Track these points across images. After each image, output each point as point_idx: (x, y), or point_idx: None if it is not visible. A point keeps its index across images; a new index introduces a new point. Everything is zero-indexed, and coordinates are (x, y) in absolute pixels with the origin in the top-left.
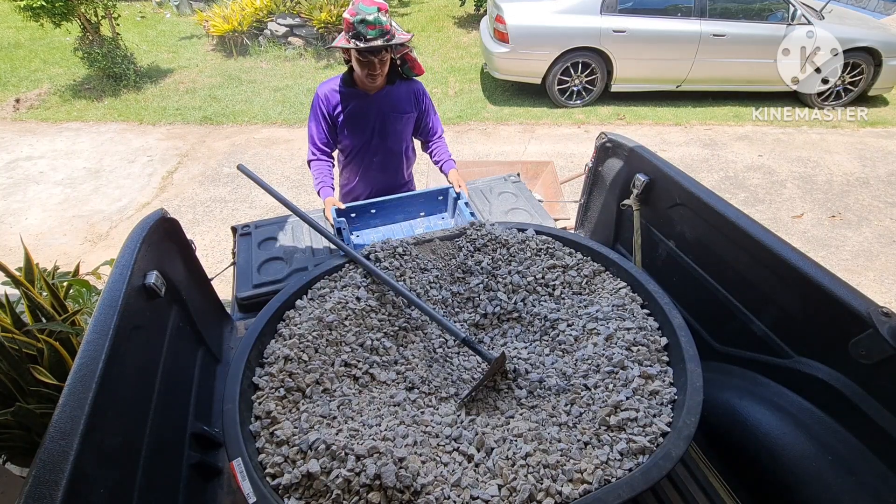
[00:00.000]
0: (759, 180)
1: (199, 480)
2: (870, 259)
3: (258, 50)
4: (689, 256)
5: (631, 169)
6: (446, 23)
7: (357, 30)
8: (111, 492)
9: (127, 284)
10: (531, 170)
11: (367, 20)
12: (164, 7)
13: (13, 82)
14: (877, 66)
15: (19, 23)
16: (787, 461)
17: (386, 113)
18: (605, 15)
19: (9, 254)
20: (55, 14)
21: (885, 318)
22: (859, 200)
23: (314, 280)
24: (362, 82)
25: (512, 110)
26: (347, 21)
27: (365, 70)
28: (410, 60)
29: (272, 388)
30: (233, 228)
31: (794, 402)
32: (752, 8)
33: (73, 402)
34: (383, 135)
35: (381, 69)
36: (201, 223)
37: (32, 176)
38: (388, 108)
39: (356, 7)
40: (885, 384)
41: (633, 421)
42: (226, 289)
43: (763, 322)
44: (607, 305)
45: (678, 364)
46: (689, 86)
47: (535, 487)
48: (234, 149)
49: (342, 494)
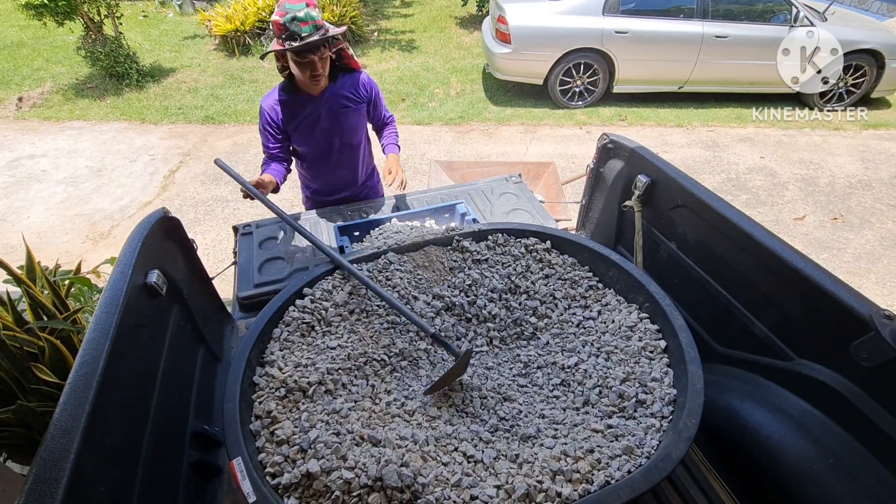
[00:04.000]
0: (761, 182)
1: (199, 479)
2: (872, 261)
3: (261, 49)
4: (691, 258)
5: (632, 170)
6: (448, 23)
7: (290, 29)
8: (111, 490)
9: (128, 283)
10: (533, 170)
11: (299, 17)
12: (166, 6)
13: (16, 81)
14: (879, 68)
15: (22, 21)
16: (788, 464)
17: (336, 110)
18: (607, 16)
19: (11, 252)
20: (58, 13)
21: (887, 321)
22: (861, 203)
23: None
24: (305, 85)
25: (514, 111)
26: (278, 23)
27: (307, 72)
28: (347, 56)
29: (272, 387)
30: (234, 228)
31: (796, 404)
32: (754, 10)
33: (73, 401)
34: (339, 132)
35: (322, 68)
36: (203, 222)
37: (35, 174)
38: (336, 106)
39: (283, 7)
40: (886, 387)
41: (633, 421)
42: (227, 288)
43: (764, 324)
44: (608, 307)
45: (679, 365)
46: (691, 87)
47: (534, 488)
48: (235, 148)
49: (342, 495)
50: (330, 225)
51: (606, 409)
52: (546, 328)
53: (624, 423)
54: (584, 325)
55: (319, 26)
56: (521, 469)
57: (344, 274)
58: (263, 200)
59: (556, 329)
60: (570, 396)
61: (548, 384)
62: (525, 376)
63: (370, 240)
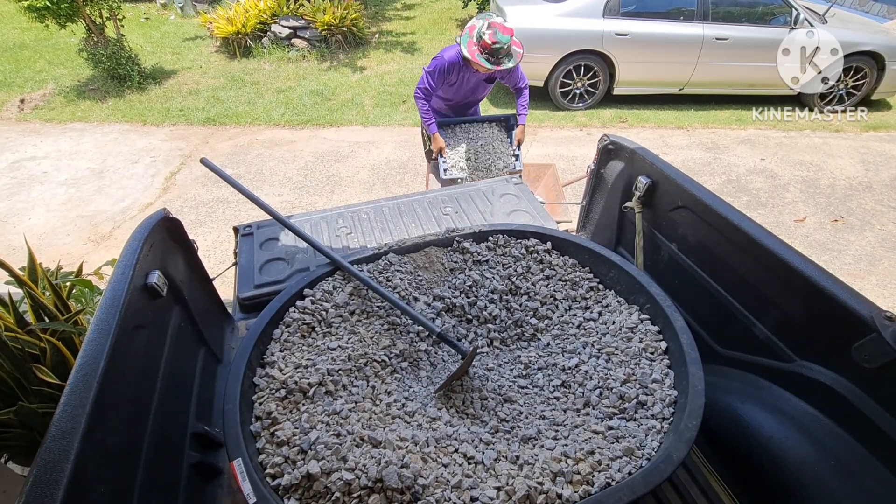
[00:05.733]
0: (762, 184)
1: (199, 480)
2: (872, 263)
3: (262, 52)
4: (692, 259)
5: (633, 171)
6: (449, 25)
7: (493, 50)
8: (112, 491)
9: (129, 284)
10: (533, 172)
11: (504, 48)
12: (168, 9)
13: (18, 83)
14: (879, 70)
15: (25, 24)
16: (789, 465)
17: (481, 83)
18: (607, 18)
19: (12, 253)
20: (60, 15)
21: (889, 322)
22: (862, 204)
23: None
24: (477, 66)
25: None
26: (485, 43)
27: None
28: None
29: (273, 388)
30: (235, 229)
31: (797, 406)
32: (754, 12)
33: (74, 401)
34: (474, 93)
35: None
36: (204, 224)
37: (36, 176)
38: (484, 81)
39: (496, 36)
40: (887, 388)
41: (634, 423)
42: (227, 289)
43: (765, 325)
44: (609, 308)
45: (680, 367)
46: (691, 89)
47: (535, 489)
48: (236, 150)
49: (342, 497)
50: (330, 225)
51: (607, 411)
52: (546, 329)
53: (625, 425)
54: (585, 326)
55: (509, 51)
56: (522, 470)
57: (345, 274)
58: (258, 201)
59: (557, 330)
60: (571, 398)
61: (548, 385)
62: (525, 377)
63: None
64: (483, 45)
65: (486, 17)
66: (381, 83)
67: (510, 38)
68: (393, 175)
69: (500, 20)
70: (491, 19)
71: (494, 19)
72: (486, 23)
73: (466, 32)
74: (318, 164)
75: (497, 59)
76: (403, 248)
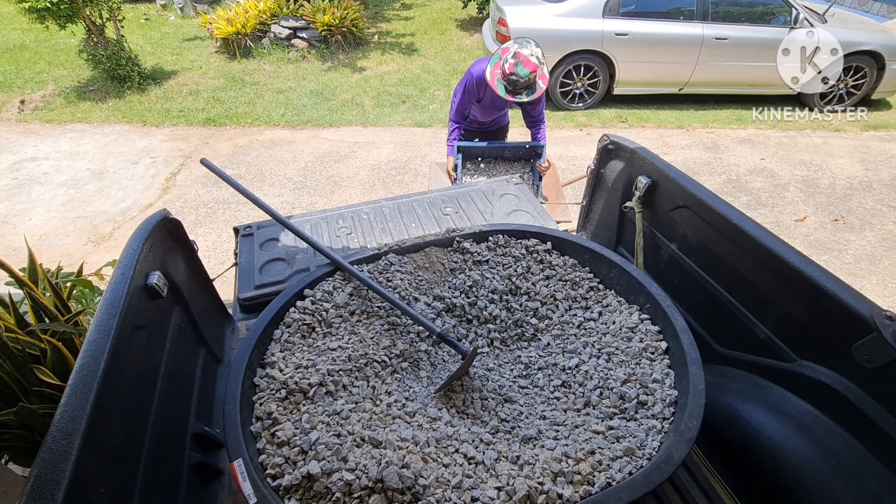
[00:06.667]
0: (762, 184)
1: (199, 481)
2: (873, 263)
3: (261, 52)
4: (692, 259)
5: (633, 171)
6: (449, 25)
7: (511, 80)
8: (112, 492)
9: (129, 284)
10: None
11: (521, 81)
12: (168, 9)
13: (18, 84)
14: (879, 69)
15: (25, 25)
16: (790, 465)
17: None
18: (607, 18)
19: (13, 254)
20: (60, 16)
21: (889, 322)
22: (862, 204)
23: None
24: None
25: (514, 112)
26: (505, 71)
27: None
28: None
29: (273, 389)
30: (235, 229)
31: (797, 405)
32: (754, 12)
33: (74, 402)
34: (501, 111)
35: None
36: (204, 224)
37: (36, 177)
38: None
39: (516, 68)
40: (888, 388)
41: (634, 423)
42: (227, 290)
43: (766, 325)
44: (609, 308)
45: (680, 367)
46: (691, 89)
47: (535, 490)
48: (237, 150)
49: (342, 497)
50: (330, 226)
51: (607, 411)
52: (547, 329)
53: (625, 425)
54: (585, 326)
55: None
56: (522, 470)
57: (345, 275)
58: (258, 201)
59: (557, 330)
60: (571, 398)
61: (549, 385)
62: (526, 377)
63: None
64: (504, 73)
65: (521, 44)
66: (381, 83)
67: (530, 73)
68: (393, 175)
69: (528, 52)
70: (521, 49)
71: (524, 50)
72: (514, 52)
73: (498, 53)
74: (318, 165)
75: (514, 89)
76: (403, 249)
